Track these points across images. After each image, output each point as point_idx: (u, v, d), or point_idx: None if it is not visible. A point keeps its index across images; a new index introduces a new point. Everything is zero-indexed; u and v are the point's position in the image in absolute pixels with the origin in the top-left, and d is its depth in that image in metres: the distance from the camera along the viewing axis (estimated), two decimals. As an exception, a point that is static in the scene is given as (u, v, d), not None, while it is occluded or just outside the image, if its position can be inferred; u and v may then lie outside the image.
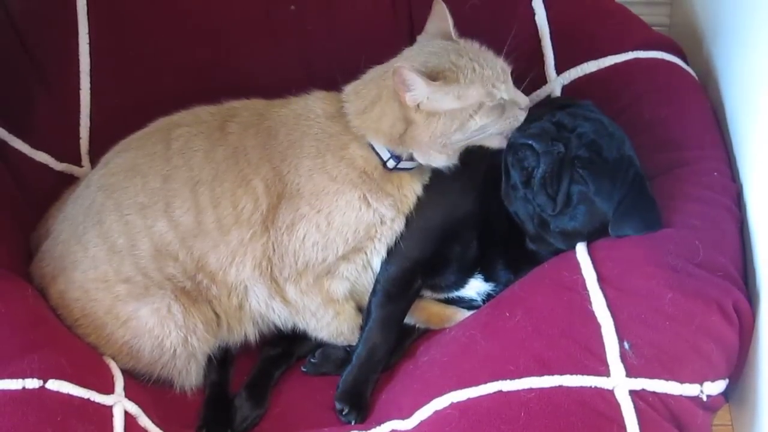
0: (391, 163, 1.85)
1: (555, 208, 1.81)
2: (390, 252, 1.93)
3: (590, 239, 1.83)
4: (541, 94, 2.20)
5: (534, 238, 1.89)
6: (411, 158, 1.86)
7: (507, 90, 1.82)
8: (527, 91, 1.90)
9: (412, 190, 1.90)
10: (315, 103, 1.94)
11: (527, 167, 1.82)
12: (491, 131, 1.82)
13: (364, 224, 1.86)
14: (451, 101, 1.76)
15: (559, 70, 2.21)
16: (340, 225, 1.85)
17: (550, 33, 2.22)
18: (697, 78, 2.16)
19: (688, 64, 2.19)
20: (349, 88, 1.90)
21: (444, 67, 1.78)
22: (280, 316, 1.94)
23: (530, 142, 1.82)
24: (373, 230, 1.88)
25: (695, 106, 2.06)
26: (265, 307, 1.92)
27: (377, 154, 1.85)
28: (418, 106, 1.76)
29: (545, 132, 1.83)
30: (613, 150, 1.82)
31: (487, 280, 1.97)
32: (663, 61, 2.16)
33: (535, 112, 1.89)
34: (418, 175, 1.91)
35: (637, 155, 1.86)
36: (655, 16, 2.55)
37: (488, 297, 1.96)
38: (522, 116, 1.84)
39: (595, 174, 1.79)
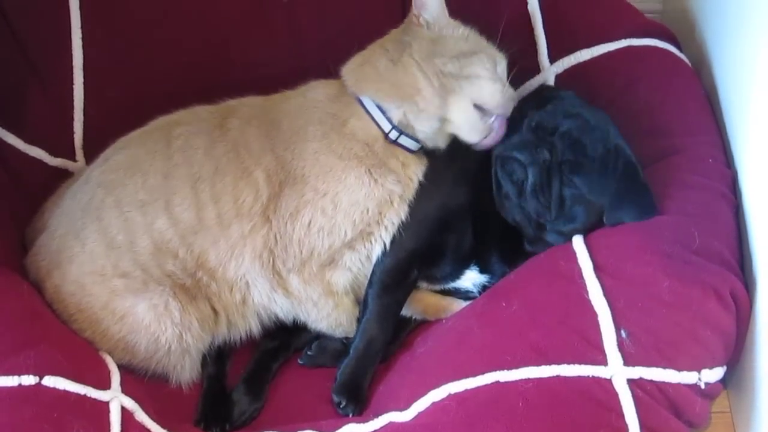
0: (393, 134, 1.86)
1: (551, 214, 1.82)
2: (388, 243, 1.93)
3: (588, 231, 1.83)
4: (534, 83, 2.20)
5: (532, 240, 1.90)
6: (407, 129, 1.86)
7: (503, 72, 1.89)
8: (520, 81, 1.90)
9: (415, 174, 1.90)
10: (316, 90, 1.96)
11: (517, 180, 1.83)
12: (481, 89, 1.83)
13: (374, 201, 1.85)
14: (457, 34, 1.88)
15: (552, 59, 2.20)
16: (347, 206, 1.84)
17: (543, 22, 2.21)
18: (690, 65, 2.15)
19: (681, 51, 2.18)
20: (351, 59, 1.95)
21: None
22: (283, 307, 1.94)
23: (515, 154, 1.83)
24: (385, 208, 1.87)
25: (689, 93, 2.06)
26: (267, 300, 1.92)
27: (377, 125, 1.86)
28: (426, 26, 1.86)
29: (528, 141, 1.84)
30: (598, 146, 1.81)
31: (482, 271, 1.97)
32: (656, 48, 2.15)
33: (517, 106, 1.89)
34: (419, 160, 1.91)
35: (631, 143, 1.85)
36: (647, 2, 2.53)
37: (484, 289, 1.96)
38: (510, 105, 1.86)
39: (585, 175, 1.80)
